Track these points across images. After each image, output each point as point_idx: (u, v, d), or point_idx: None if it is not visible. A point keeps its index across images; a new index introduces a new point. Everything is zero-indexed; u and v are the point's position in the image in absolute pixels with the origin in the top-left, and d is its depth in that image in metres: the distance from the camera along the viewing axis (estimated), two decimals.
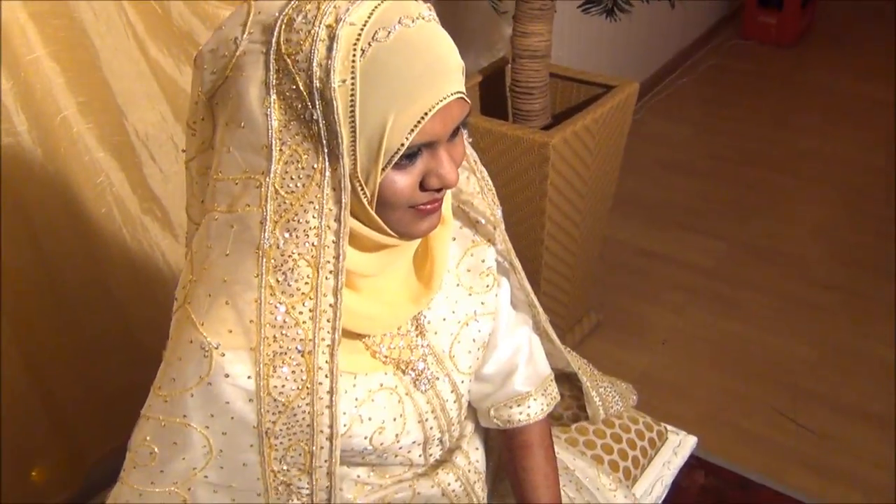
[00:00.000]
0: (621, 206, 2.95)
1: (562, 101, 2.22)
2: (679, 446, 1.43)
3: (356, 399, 0.86)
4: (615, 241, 2.89)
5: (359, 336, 0.87)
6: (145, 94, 1.61)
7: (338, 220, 0.70)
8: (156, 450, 0.79)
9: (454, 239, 0.95)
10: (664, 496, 1.44)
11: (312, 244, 0.70)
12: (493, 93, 2.24)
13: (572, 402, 1.38)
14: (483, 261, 0.96)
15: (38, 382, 1.66)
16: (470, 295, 0.95)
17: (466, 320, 0.95)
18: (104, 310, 1.73)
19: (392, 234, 0.77)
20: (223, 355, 0.73)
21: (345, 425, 0.85)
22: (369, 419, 0.86)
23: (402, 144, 0.69)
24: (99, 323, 1.73)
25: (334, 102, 0.66)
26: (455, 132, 0.75)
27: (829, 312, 2.58)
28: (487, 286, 0.96)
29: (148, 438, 0.79)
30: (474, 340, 0.96)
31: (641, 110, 3.71)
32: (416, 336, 0.91)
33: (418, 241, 0.85)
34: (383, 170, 0.70)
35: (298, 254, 0.71)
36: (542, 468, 1.03)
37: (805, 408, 2.21)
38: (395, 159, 0.69)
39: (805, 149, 3.50)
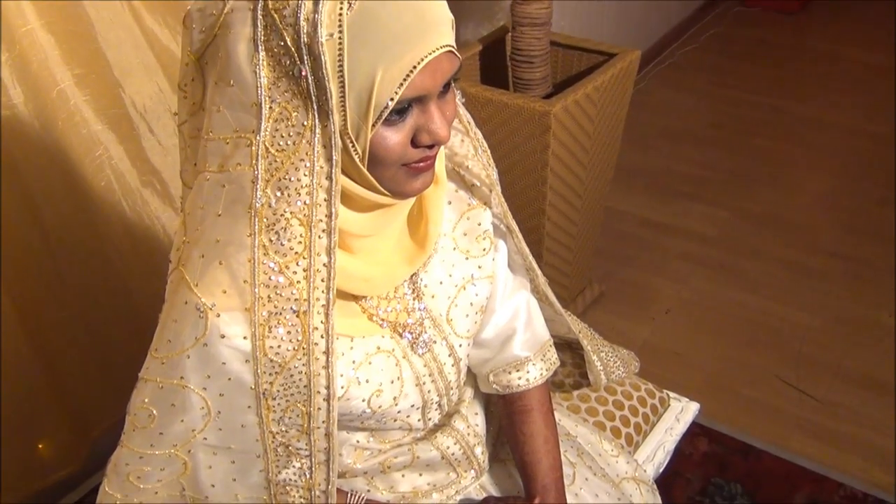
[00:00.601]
0: (624, 177, 2.93)
1: (563, 69, 2.20)
2: (681, 413, 1.43)
3: (353, 361, 0.86)
4: (618, 211, 2.88)
5: (355, 298, 0.87)
6: (142, 66, 1.60)
7: (329, 177, 0.69)
8: (154, 412, 0.80)
9: (450, 203, 0.94)
10: (666, 462, 1.44)
11: (304, 203, 0.70)
12: (493, 62, 2.22)
13: (574, 370, 1.38)
14: (479, 224, 0.95)
15: (41, 356, 1.67)
16: (467, 259, 0.95)
17: (464, 284, 0.94)
18: (105, 283, 1.73)
19: (385, 192, 0.76)
20: (218, 316, 0.73)
21: (342, 387, 0.85)
22: (367, 381, 0.86)
23: (392, 99, 0.68)
24: (101, 296, 1.73)
25: (322, 57, 0.66)
26: (446, 88, 0.74)
27: (832, 280, 2.57)
28: (484, 250, 0.96)
29: (146, 401, 0.80)
30: (472, 304, 0.95)
31: (644, 80, 3.68)
32: (414, 299, 0.91)
33: (412, 201, 0.84)
34: (373, 126, 0.70)
35: (290, 213, 0.70)
36: (542, 433, 1.04)
37: (808, 375, 2.21)
38: (385, 115, 0.69)
39: (808, 117, 3.47)
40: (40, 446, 1.76)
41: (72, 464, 1.79)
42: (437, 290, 0.93)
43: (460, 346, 0.96)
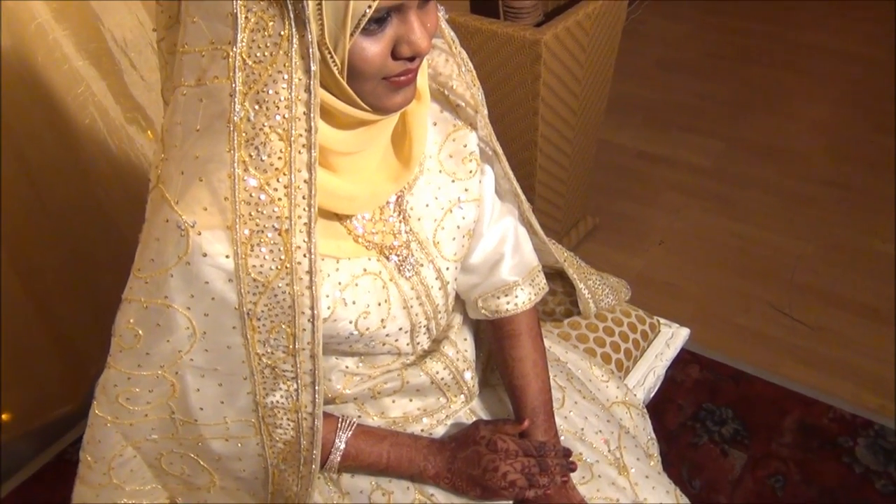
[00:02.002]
0: (618, 109, 2.91)
1: None
2: (672, 338, 1.44)
3: (339, 283, 0.85)
4: (612, 144, 2.86)
5: (339, 219, 0.86)
6: None
7: (308, 90, 0.68)
8: (140, 332, 0.80)
9: (435, 124, 0.93)
10: (657, 387, 1.46)
11: (283, 116, 0.69)
12: None
13: (565, 299, 1.39)
14: (465, 146, 0.94)
15: (34, 297, 1.67)
16: (453, 181, 0.94)
17: (450, 207, 0.94)
18: (96, 223, 1.73)
19: (366, 107, 0.75)
20: (199, 234, 0.72)
21: (328, 308, 0.85)
22: (353, 303, 0.86)
23: (370, 6, 0.66)
24: (92, 237, 1.73)
25: None
26: None
27: (826, 208, 2.57)
28: (471, 172, 0.95)
29: (132, 321, 0.79)
30: (458, 227, 0.95)
31: (638, 10, 3.61)
32: (400, 222, 0.91)
33: (395, 117, 0.83)
34: (351, 35, 0.68)
35: (269, 127, 0.69)
36: (531, 356, 1.04)
37: (801, 302, 2.22)
38: (363, 23, 0.67)
39: (804, 43, 3.42)
40: (38, 385, 1.77)
41: (71, 401, 1.81)
42: (424, 213, 0.92)
43: (447, 269, 0.95)
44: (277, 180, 0.71)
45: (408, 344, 0.98)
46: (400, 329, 0.94)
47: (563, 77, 1.93)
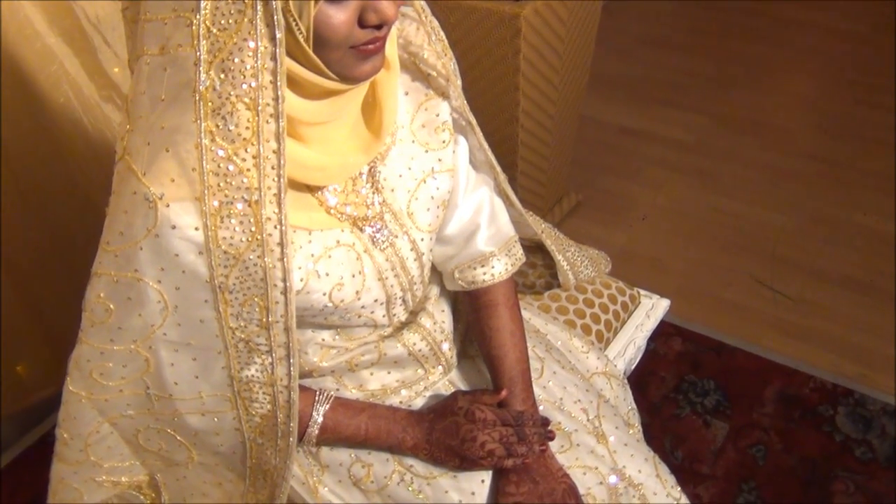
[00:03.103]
0: (601, 86, 2.90)
1: None
2: (652, 309, 1.44)
3: (312, 255, 0.85)
4: (595, 121, 2.85)
5: (311, 191, 0.85)
6: None
7: (273, 58, 0.67)
8: (111, 306, 0.79)
9: (406, 94, 0.92)
10: (638, 359, 1.46)
11: (250, 86, 0.68)
12: None
13: (545, 271, 1.39)
14: (437, 115, 0.93)
15: (14, 281, 1.65)
16: (426, 151, 0.93)
17: (424, 177, 0.93)
18: (73, 204, 1.71)
19: (334, 77, 0.74)
20: (168, 206, 0.72)
21: (301, 280, 0.84)
22: (326, 275, 0.86)
23: None
24: (69, 217, 1.71)
25: None
26: None
27: (808, 182, 2.58)
28: (444, 142, 0.94)
29: (102, 295, 0.79)
30: (433, 198, 0.94)
31: None
32: (373, 193, 0.90)
33: (365, 87, 0.82)
34: (316, 2, 0.67)
35: (236, 96, 0.68)
36: (508, 326, 1.04)
37: (783, 275, 2.23)
38: None
39: (786, 18, 3.41)
40: (21, 368, 1.76)
41: (54, 383, 1.79)
42: (397, 184, 0.92)
43: (422, 240, 0.95)
44: (245, 150, 0.70)
45: (384, 316, 0.97)
46: (375, 301, 0.93)
47: (544, 52, 1.92)
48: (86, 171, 1.67)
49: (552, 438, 1.00)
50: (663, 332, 1.96)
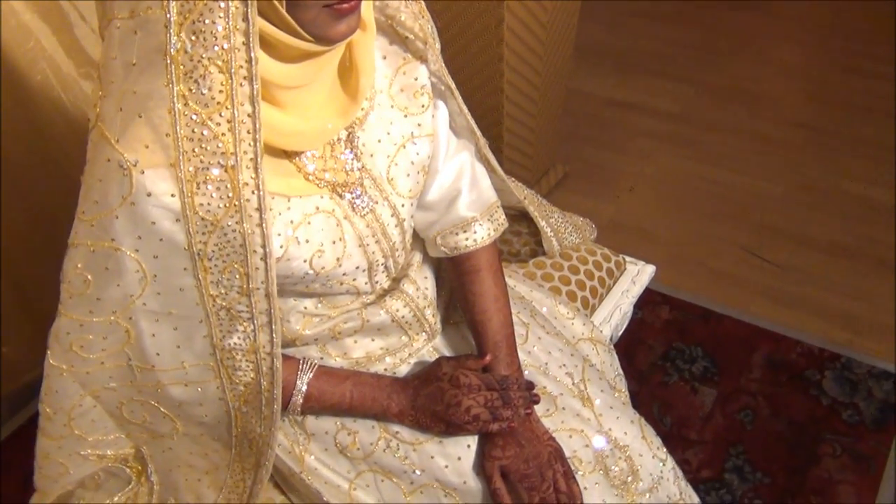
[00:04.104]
0: (587, 57, 2.89)
1: None
2: (637, 275, 1.44)
3: (291, 221, 0.84)
4: (581, 92, 2.84)
5: (289, 157, 0.84)
6: None
7: (245, 18, 0.66)
8: (89, 277, 0.78)
9: (384, 58, 0.91)
10: (624, 325, 1.47)
11: (222, 48, 0.67)
12: None
13: (529, 239, 1.38)
14: (416, 79, 0.92)
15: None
16: (405, 116, 0.93)
17: (403, 142, 0.92)
18: (54, 183, 1.69)
19: (308, 37, 0.73)
20: (143, 173, 0.71)
21: (281, 247, 0.84)
22: (306, 241, 0.85)
23: None
24: (51, 197, 1.69)
25: None
26: None
27: (796, 149, 2.58)
28: (423, 106, 0.93)
29: (80, 266, 0.78)
30: (413, 163, 0.94)
31: None
32: (352, 159, 0.89)
33: (341, 49, 0.81)
34: None
35: (208, 59, 0.67)
36: (492, 291, 1.04)
37: (770, 243, 2.24)
38: None
39: None
40: (5, 350, 1.75)
41: (39, 365, 1.79)
42: (376, 149, 0.91)
43: (403, 206, 0.94)
44: (220, 115, 0.69)
45: (366, 283, 0.97)
46: (357, 268, 0.93)
47: (528, 21, 1.91)
48: (66, 149, 1.66)
49: (537, 402, 1.00)
50: (651, 301, 1.97)
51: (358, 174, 0.90)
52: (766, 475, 1.64)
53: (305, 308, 0.96)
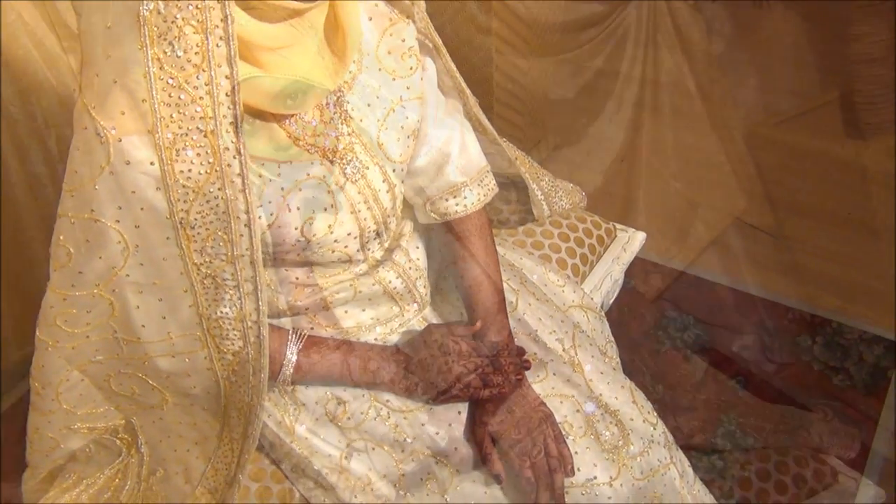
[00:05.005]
0: (577, 27, 2.85)
1: None
2: (628, 242, 1.44)
3: (282, 189, 0.83)
4: (571, 62, 2.81)
5: (277, 120, 0.83)
6: None
7: None
8: (71, 250, 0.77)
9: (370, 19, 0.90)
10: (615, 292, 1.46)
11: (196, 6, 0.65)
12: None
13: (519, 207, 1.38)
14: (403, 40, 0.91)
15: None
16: (394, 80, 0.91)
17: (392, 106, 0.91)
18: (45, 163, 1.67)
19: None
20: (120, 140, 0.69)
21: (272, 214, 0.83)
22: (297, 209, 0.84)
23: None
24: (42, 176, 1.68)
25: None
26: None
27: (790, 118, 2.56)
28: (411, 68, 0.92)
29: (62, 238, 0.77)
30: (402, 127, 0.92)
31: None
32: (342, 124, 0.88)
33: (325, 7, 0.78)
34: None
35: (183, 18, 0.65)
36: (482, 257, 1.03)
37: (761, 211, 2.23)
38: None
39: None
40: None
41: (32, 342, 1.78)
42: (366, 114, 0.90)
43: (394, 171, 0.93)
44: (197, 77, 0.68)
45: (358, 250, 0.96)
46: (349, 234, 0.92)
47: None
48: (53, 125, 1.64)
49: (528, 368, 1.00)
50: (642, 269, 1.96)
51: (348, 139, 0.89)
52: (757, 440, 1.65)
53: (297, 279, 0.95)
